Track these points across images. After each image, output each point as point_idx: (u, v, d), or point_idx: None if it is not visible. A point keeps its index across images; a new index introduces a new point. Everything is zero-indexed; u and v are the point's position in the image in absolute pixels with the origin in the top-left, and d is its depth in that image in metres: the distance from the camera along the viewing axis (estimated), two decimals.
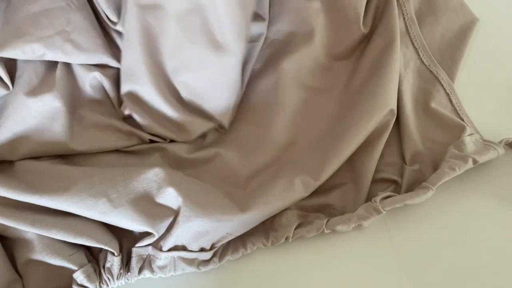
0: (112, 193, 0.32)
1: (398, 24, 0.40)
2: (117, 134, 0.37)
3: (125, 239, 0.34)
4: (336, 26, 0.41)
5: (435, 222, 0.35)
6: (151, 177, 0.33)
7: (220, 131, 0.40)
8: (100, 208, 0.31)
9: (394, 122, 0.38)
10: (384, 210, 0.33)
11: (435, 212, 0.36)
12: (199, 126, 0.39)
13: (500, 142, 0.36)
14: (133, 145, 0.38)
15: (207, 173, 0.37)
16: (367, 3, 0.41)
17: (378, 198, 0.34)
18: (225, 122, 0.39)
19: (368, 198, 0.36)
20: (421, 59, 0.41)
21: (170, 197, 0.33)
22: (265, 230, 0.35)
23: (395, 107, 0.37)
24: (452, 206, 0.36)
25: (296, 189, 0.34)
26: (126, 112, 0.38)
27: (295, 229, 0.34)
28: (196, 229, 0.32)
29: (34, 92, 0.35)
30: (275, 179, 0.35)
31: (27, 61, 0.36)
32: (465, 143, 0.36)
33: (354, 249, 0.35)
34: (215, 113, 0.39)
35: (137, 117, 0.38)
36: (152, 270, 0.33)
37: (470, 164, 0.34)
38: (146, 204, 0.33)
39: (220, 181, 0.37)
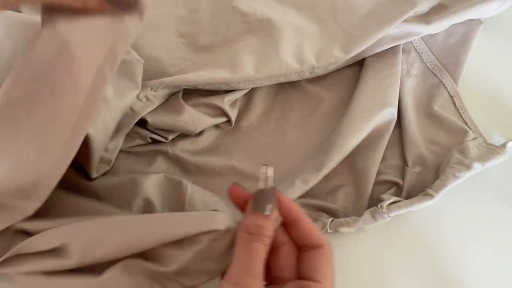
0: None
1: None
2: None
3: None
4: None
5: (436, 223, 0.36)
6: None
7: (223, 127, 0.40)
8: None
9: (397, 125, 0.38)
10: (389, 216, 0.33)
11: (436, 212, 0.36)
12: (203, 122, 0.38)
13: (503, 144, 0.36)
14: (135, 146, 0.38)
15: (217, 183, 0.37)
16: None
17: (384, 204, 0.34)
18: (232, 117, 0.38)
19: (370, 200, 0.36)
20: (425, 62, 0.41)
21: None
22: None
23: (395, 109, 0.37)
24: (452, 206, 0.36)
25: (296, 187, 0.34)
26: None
27: None
28: None
29: None
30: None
31: None
32: (469, 148, 0.36)
33: (354, 249, 0.35)
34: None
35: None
36: None
37: (474, 170, 0.34)
38: None
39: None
